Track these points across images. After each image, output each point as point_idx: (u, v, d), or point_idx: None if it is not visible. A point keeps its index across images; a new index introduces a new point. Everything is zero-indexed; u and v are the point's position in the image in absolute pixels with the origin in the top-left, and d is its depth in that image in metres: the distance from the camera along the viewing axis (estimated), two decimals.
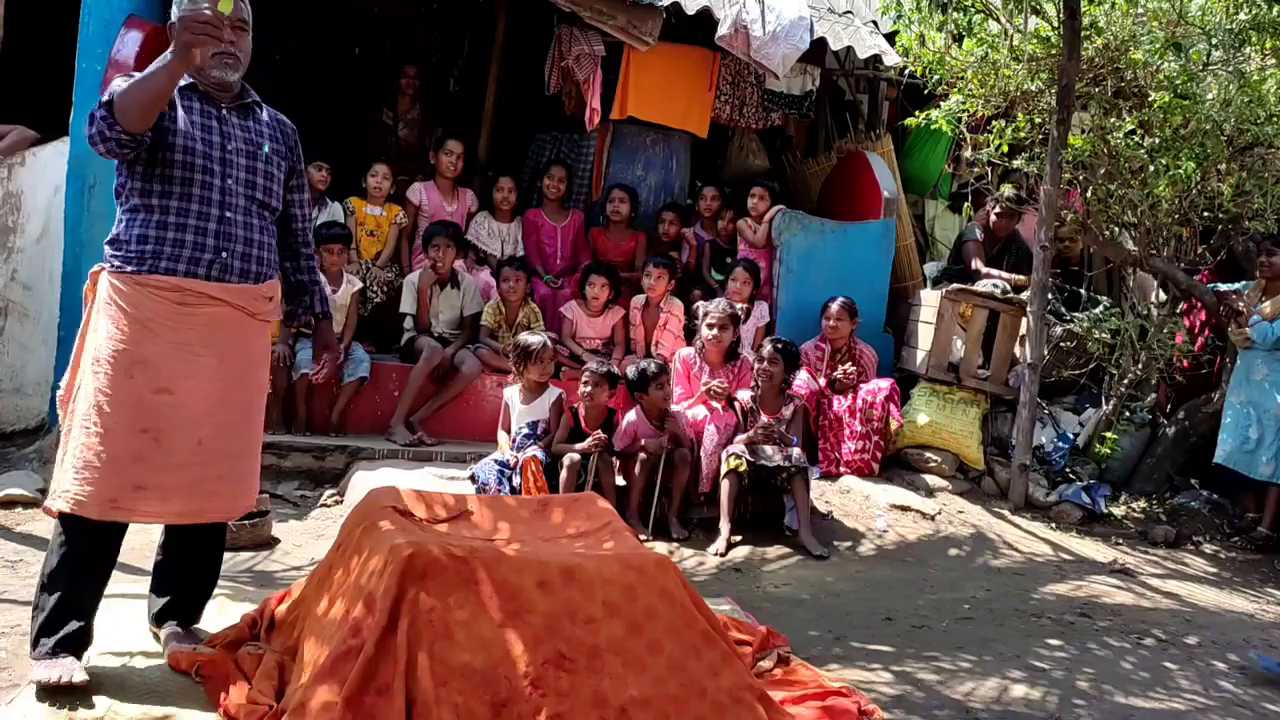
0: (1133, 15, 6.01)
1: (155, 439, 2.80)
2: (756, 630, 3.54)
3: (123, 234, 2.84)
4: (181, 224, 2.84)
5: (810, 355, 6.26)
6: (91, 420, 2.76)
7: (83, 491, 2.75)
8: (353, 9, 8.11)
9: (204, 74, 2.92)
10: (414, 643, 2.65)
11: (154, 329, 2.80)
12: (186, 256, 2.84)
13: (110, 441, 2.76)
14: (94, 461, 2.76)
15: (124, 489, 2.78)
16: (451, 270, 6.16)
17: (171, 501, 2.86)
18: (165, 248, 2.82)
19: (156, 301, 2.81)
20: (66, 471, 2.78)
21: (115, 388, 2.77)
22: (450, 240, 6.13)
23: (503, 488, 4.97)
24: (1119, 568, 5.26)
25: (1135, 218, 6.34)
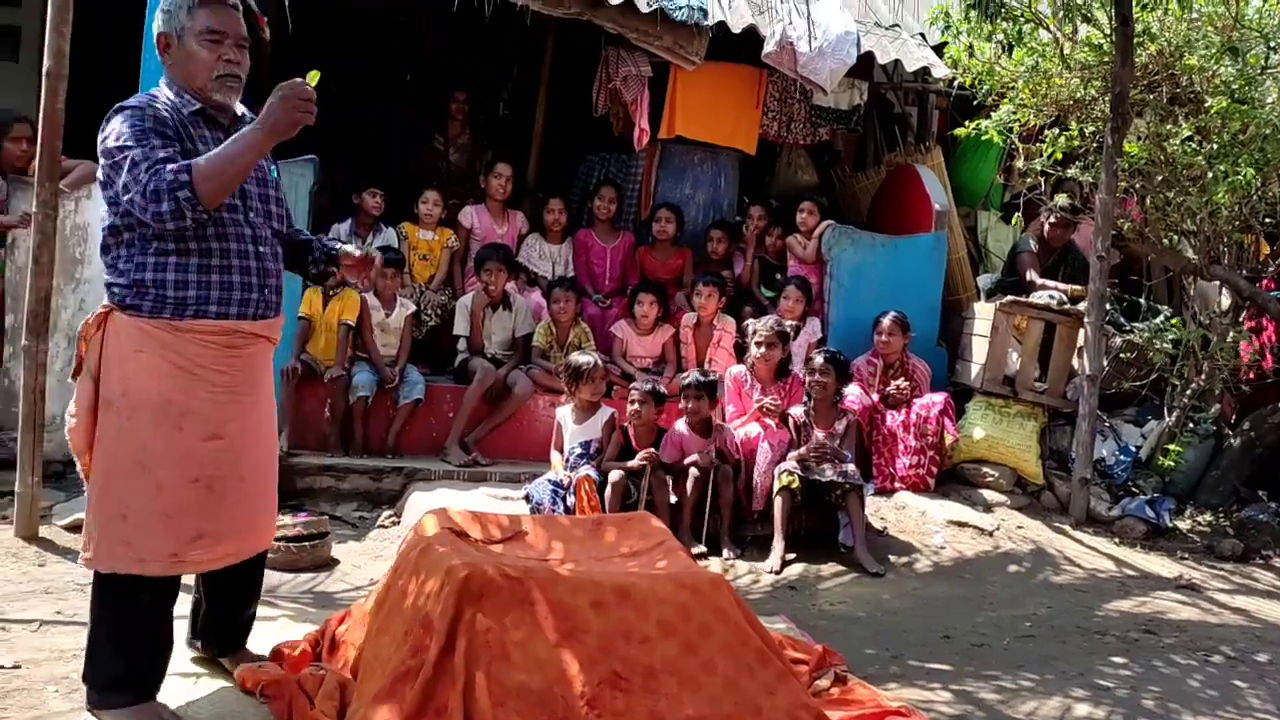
0: (1187, 20, 5.92)
1: (208, 486, 2.73)
2: (813, 649, 3.52)
3: (152, 278, 2.65)
4: (226, 265, 2.70)
5: (863, 370, 6.22)
6: (140, 475, 2.65)
7: (143, 550, 2.66)
8: (404, 38, 8.26)
9: (208, 97, 2.76)
10: (471, 663, 2.68)
11: (202, 375, 2.70)
12: (237, 299, 2.73)
13: (165, 496, 2.67)
14: (149, 518, 2.66)
15: (182, 541, 2.71)
16: (503, 292, 6.23)
17: (224, 543, 2.81)
18: (213, 291, 2.68)
19: (203, 347, 2.69)
20: (115, 527, 2.66)
21: (164, 440, 2.66)
22: (501, 263, 6.20)
23: (557, 507, 5.00)
24: (1185, 583, 5.14)
25: (1195, 225, 6.22)
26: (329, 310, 5.81)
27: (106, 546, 2.66)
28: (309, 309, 5.81)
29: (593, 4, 6.27)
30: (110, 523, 2.67)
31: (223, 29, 2.73)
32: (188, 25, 2.70)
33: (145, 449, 2.65)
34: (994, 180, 7.76)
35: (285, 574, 4.54)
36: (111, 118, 2.65)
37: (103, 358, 2.68)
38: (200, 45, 2.71)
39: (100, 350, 2.68)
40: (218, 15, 2.73)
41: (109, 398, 2.66)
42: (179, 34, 2.71)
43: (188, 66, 2.72)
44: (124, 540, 2.65)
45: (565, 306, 6.20)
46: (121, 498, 2.66)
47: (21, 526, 4.52)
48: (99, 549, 2.68)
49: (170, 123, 2.65)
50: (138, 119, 2.61)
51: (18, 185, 5.54)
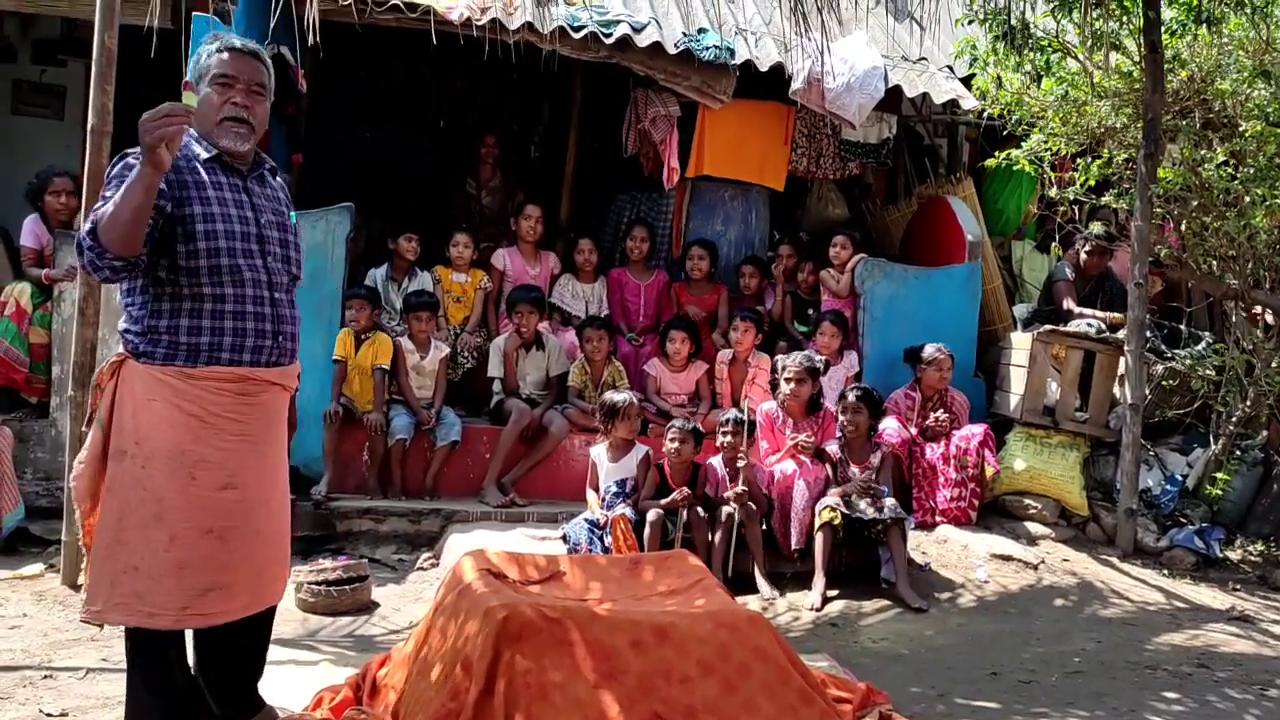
0: (1218, 45, 5.89)
1: (221, 537, 2.65)
2: (856, 687, 3.47)
3: (164, 324, 2.62)
4: (240, 311, 2.67)
5: (900, 403, 6.18)
6: (155, 526, 2.58)
7: (153, 602, 2.57)
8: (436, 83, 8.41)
9: (215, 141, 2.73)
10: (511, 705, 2.68)
11: (215, 424, 2.64)
12: (250, 346, 2.69)
13: (177, 548, 2.59)
14: (162, 570, 2.58)
15: (194, 594, 2.61)
16: (536, 333, 6.27)
17: (237, 597, 2.70)
18: (225, 338, 2.65)
19: (218, 395, 2.65)
20: (126, 579, 2.58)
21: (177, 491, 2.60)
22: (532, 304, 6.25)
23: (594, 547, 4.99)
24: (1237, 615, 5.02)
25: (1234, 250, 6.15)
26: (361, 354, 5.88)
27: (117, 599, 2.58)
28: (343, 351, 5.87)
29: (621, 47, 6.36)
30: (121, 575, 2.58)
31: (234, 74, 2.72)
32: (209, 71, 2.72)
33: (160, 499, 2.59)
34: (1027, 210, 7.72)
35: (326, 618, 4.56)
36: (114, 167, 2.67)
37: (115, 406, 2.63)
38: (212, 88, 2.71)
39: (112, 399, 2.64)
40: (232, 61, 2.72)
41: (122, 447, 2.61)
42: (198, 79, 2.73)
43: (203, 110, 2.72)
44: (135, 593, 2.57)
45: (598, 345, 6.23)
46: (134, 549, 2.58)
47: (69, 574, 4.58)
48: (108, 602, 2.59)
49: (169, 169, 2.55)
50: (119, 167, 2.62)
51: (64, 239, 5.67)
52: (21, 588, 4.61)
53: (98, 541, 2.64)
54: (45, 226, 5.92)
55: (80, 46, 7.03)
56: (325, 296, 5.96)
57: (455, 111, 8.58)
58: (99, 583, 2.61)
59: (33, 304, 5.72)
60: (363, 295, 6.00)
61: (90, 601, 2.63)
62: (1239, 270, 6.19)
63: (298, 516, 5.41)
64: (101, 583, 2.60)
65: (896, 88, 6.86)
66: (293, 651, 4.06)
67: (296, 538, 5.36)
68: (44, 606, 4.38)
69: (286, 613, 4.60)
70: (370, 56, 7.46)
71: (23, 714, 3.25)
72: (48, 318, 5.71)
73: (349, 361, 5.88)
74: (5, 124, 7.83)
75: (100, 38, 4.48)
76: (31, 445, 5.55)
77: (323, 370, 5.86)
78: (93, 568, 2.64)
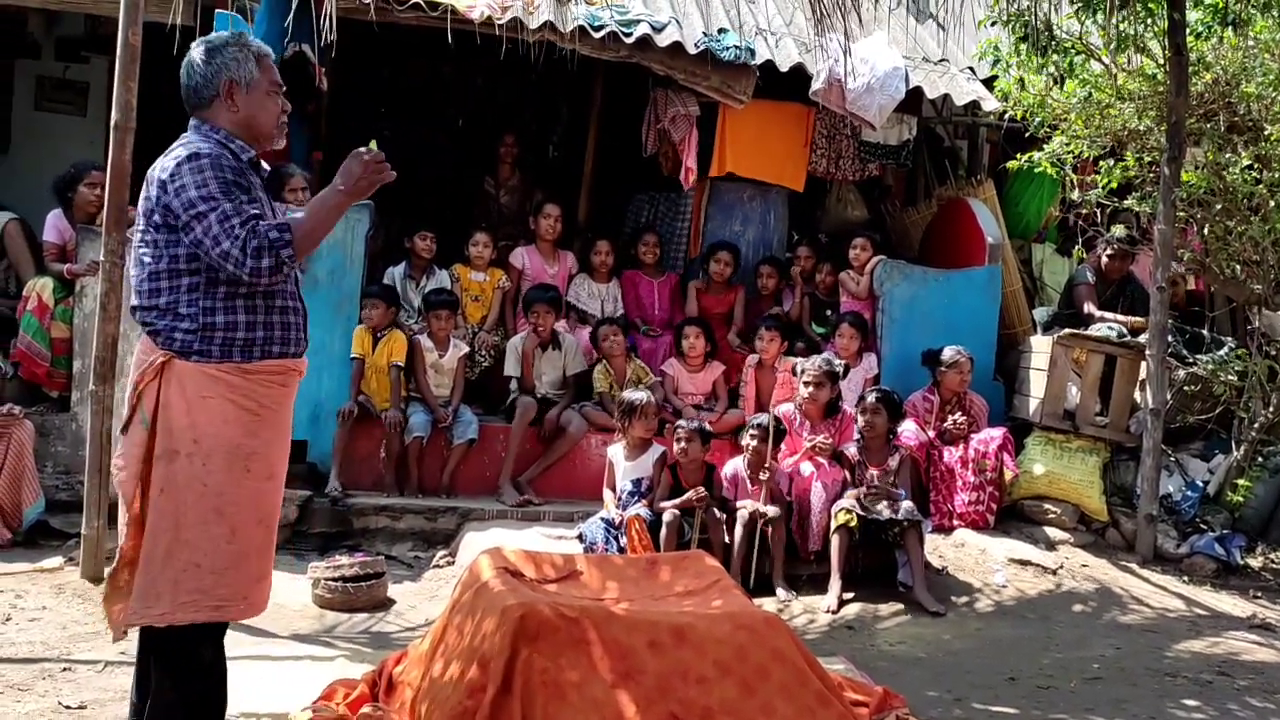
0: (1243, 48, 5.84)
1: (268, 527, 2.75)
2: (873, 690, 3.45)
3: (223, 320, 2.66)
4: (284, 305, 2.75)
5: (919, 406, 6.15)
6: (217, 521, 2.63)
7: (218, 595, 2.62)
8: (456, 82, 8.42)
9: (268, 144, 2.85)
10: (528, 704, 2.68)
11: (264, 417, 2.70)
12: (293, 338, 2.77)
13: (238, 540, 2.65)
14: (224, 563, 2.63)
15: (251, 583, 2.69)
16: (553, 332, 6.27)
17: (270, 583, 2.79)
18: (275, 331, 2.72)
19: (267, 388, 2.71)
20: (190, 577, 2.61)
21: (235, 485, 2.64)
22: (548, 304, 6.25)
23: (610, 546, 4.99)
24: (1259, 622, 4.97)
25: (1258, 255, 6.09)
26: (378, 351, 5.89)
27: (183, 598, 2.60)
28: (360, 348, 5.89)
29: (641, 46, 6.35)
30: (184, 573, 2.60)
31: (280, 82, 2.84)
32: (256, 76, 2.77)
33: (222, 495, 2.62)
34: (1048, 213, 7.67)
35: (342, 614, 4.57)
36: (186, 164, 2.63)
37: (161, 406, 2.63)
38: (269, 96, 2.80)
39: (157, 399, 2.64)
40: (275, 69, 2.86)
41: (175, 447, 2.61)
42: (247, 84, 2.76)
43: (256, 115, 2.78)
44: (200, 589, 2.60)
45: (615, 341, 6.23)
46: (196, 546, 2.61)
47: (88, 568, 4.60)
48: (174, 601, 2.60)
49: (242, 173, 2.70)
50: (218, 170, 2.64)
51: (86, 234, 5.71)
52: (41, 581, 4.64)
53: (153, 545, 2.62)
54: (68, 221, 5.96)
55: (104, 43, 7.08)
56: (344, 294, 5.97)
57: (475, 110, 8.59)
58: (158, 584, 2.60)
59: (55, 299, 5.75)
60: (378, 294, 6.01)
61: (150, 605, 2.60)
62: (1262, 275, 6.14)
63: (315, 513, 5.52)
64: (162, 584, 2.60)
65: (917, 89, 6.83)
66: (309, 647, 4.07)
67: (313, 533, 5.47)
68: (63, 600, 4.40)
69: (303, 608, 4.62)
70: (391, 55, 7.47)
71: (42, 706, 3.27)
72: (69, 312, 5.74)
73: (366, 359, 5.89)
74: (29, 120, 7.88)
75: (124, 34, 4.50)
76: (52, 439, 5.58)
77: (341, 367, 5.88)
78: (148, 570, 2.61)
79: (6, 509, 5.13)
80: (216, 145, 2.70)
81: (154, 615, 2.61)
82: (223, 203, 2.59)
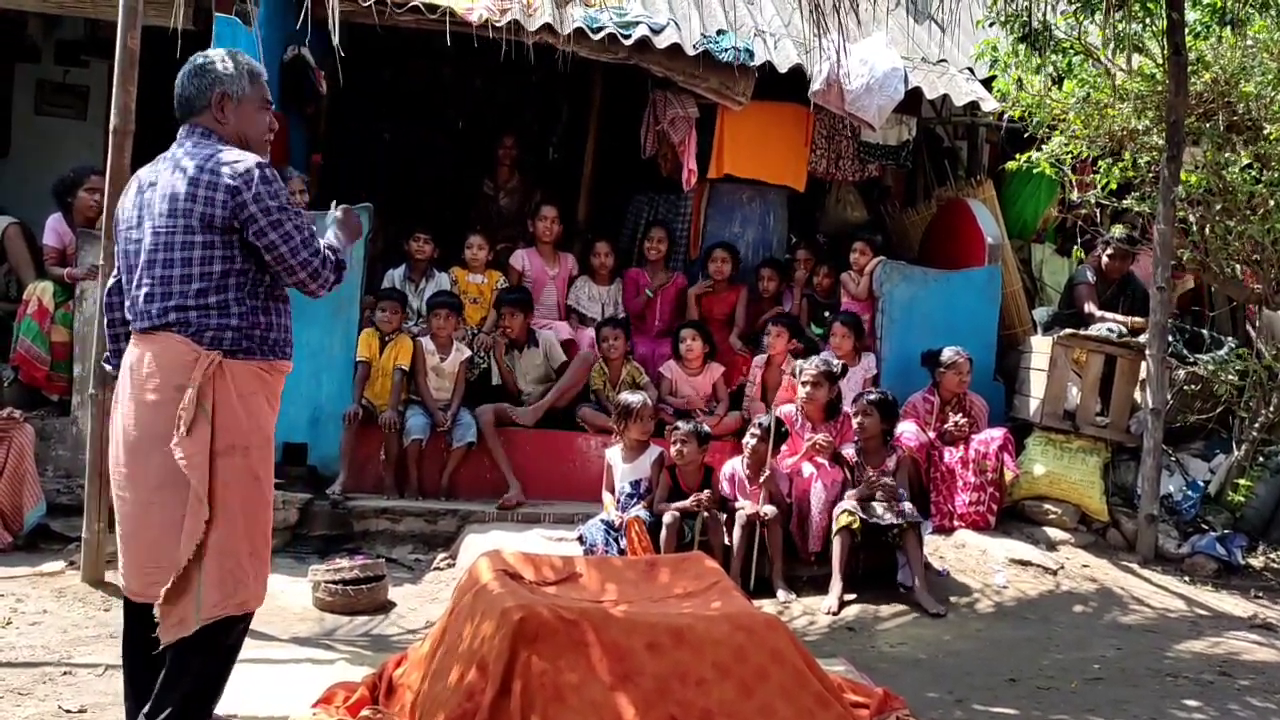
0: (1241, 48, 5.84)
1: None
2: (873, 692, 3.45)
3: (265, 320, 2.82)
4: (290, 310, 2.95)
5: (919, 407, 6.15)
6: (266, 510, 2.83)
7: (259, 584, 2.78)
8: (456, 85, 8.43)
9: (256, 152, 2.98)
10: (527, 707, 2.68)
11: (275, 410, 2.92)
12: (291, 340, 2.96)
13: (268, 527, 2.86)
14: (265, 550, 2.82)
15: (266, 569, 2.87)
16: (529, 331, 6.28)
17: None
18: (289, 334, 2.92)
19: (279, 384, 2.93)
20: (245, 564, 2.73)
21: (269, 475, 2.85)
22: (515, 305, 6.28)
23: (610, 549, 4.99)
24: (1260, 623, 4.97)
25: (1258, 254, 6.09)
26: (385, 355, 5.90)
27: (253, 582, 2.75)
28: (368, 352, 5.89)
29: (640, 48, 6.36)
30: (250, 558, 2.75)
31: (270, 100, 3.00)
32: (249, 92, 2.89)
33: (267, 484, 2.84)
34: (1048, 213, 7.67)
35: (342, 617, 4.57)
36: (268, 175, 2.76)
37: (219, 404, 2.72)
38: (261, 111, 2.94)
39: (213, 398, 2.71)
40: (266, 89, 2.99)
41: (234, 442, 2.72)
42: (239, 97, 2.87)
43: (246, 129, 2.90)
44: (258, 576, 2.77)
45: (615, 344, 6.23)
46: (253, 536, 2.77)
47: (88, 571, 4.60)
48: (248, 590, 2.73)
49: None
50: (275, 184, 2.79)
51: (86, 238, 5.71)
52: (42, 584, 4.64)
53: (224, 536, 2.68)
54: (68, 225, 5.96)
55: (103, 47, 7.09)
56: (344, 296, 5.96)
57: (474, 112, 8.60)
58: (235, 575, 2.70)
59: (55, 302, 5.76)
60: (395, 297, 6.04)
61: (228, 596, 2.68)
62: (1263, 274, 6.13)
63: (315, 515, 5.52)
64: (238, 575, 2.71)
65: (916, 89, 6.84)
66: (309, 650, 4.07)
67: (313, 536, 5.47)
68: (64, 603, 4.40)
69: (303, 611, 4.62)
70: (391, 57, 7.48)
71: (42, 710, 3.27)
72: (69, 316, 5.75)
73: (373, 363, 5.89)
74: (29, 124, 7.89)
75: (123, 38, 4.50)
76: (53, 443, 5.58)
77: (340, 369, 5.89)
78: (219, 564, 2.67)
79: (7, 513, 5.13)
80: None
81: (235, 604, 2.71)
82: (297, 218, 2.79)
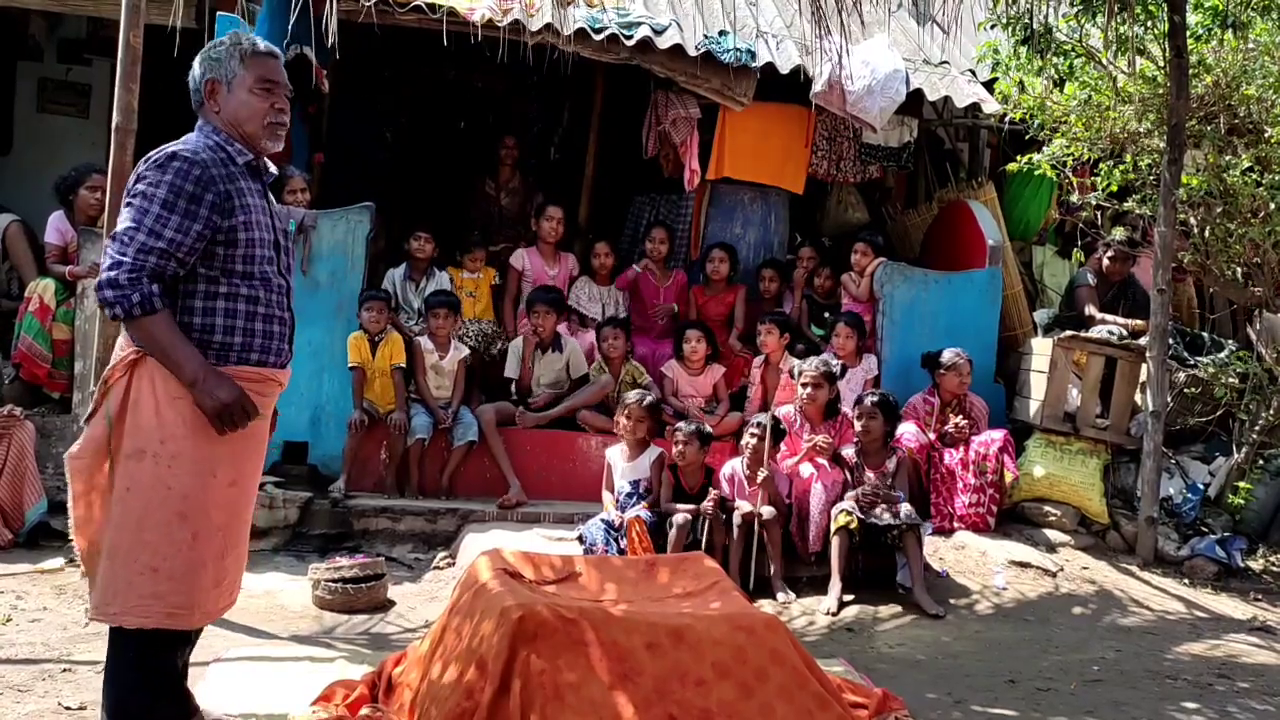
0: (1243, 50, 5.84)
1: (225, 534, 2.69)
2: (872, 693, 3.45)
3: (198, 323, 2.64)
4: (268, 314, 2.73)
5: (919, 408, 6.15)
6: (180, 525, 2.58)
7: (173, 602, 2.58)
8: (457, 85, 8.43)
9: (259, 145, 2.78)
10: (526, 706, 2.68)
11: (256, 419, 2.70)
12: (274, 348, 2.75)
13: (199, 546, 2.61)
14: (183, 569, 2.58)
15: (206, 590, 2.65)
16: (555, 334, 6.27)
17: (228, 593, 2.77)
18: (256, 339, 2.70)
19: (263, 391, 2.73)
20: (145, 581, 2.55)
21: (202, 488, 2.60)
22: (550, 305, 6.25)
23: (610, 548, 4.99)
24: (1259, 625, 4.97)
25: (1258, 257, 6.09)
26: (379, 356, 5.89)
27: (135, 601, 2.55)
28: (358, 356, 5.87)
29: (641, 49, 6.36)
30: (140, 576, 2.56)
31: (275, 79, 2.76)
32: (240, 74, 2.71)
33: (186, 498, 2.58)
34: (1049, 215, 7.67)
35: (342, 615, 4.58)
36: (157, 160, 2.59)
37: (130, 405, 2.59)
38: (254, 94, 2.72)
39: (125, 397, 2.60)
40: (269, 65, 2.76)
41: (141, 446, 2.57)
42: (229, 82, 2.72)
43: (239, 114, 2.72)
44: (154, 594, 2.56)
45: (615, 344, 6.24)
46: (155, 550, 2.57)
47: None
48: (125, 604, 2.55)
49: (217, 182, 2.62)
50: (181, 180, 2.57)
51: (88, 236, 5.72)
52: (42, 581, 4.65)
53: (116, 542, 2.58)
54: (70, 223, 5.97)
55: (106, 45, 7.10)
56: (345, 296, 5.98)
57: (476, 112, 8.60)
58: (116, 583, 2.57)
59: (56, 300, 5.77)
60: (381, 297, 6.02)
61: (108, 602, 2.57)
62: (1264, 277, 6.13)
63: (315, 514, 5.52)
64: (120, 583, 2.56)
65: (918, 91, 6.84)
66: (309, 649, 4.07)
67: (313, 535, 5.48)
68: (64, 600, 4.41)
69: (303, 609, 4.63)
70: (393, 56, 7.49)
71: (42, 707, 3.27)
72: (71, 314, 5.76)
73: (366, 366, 5.88)
74: (31, 122, 7.90)
75: (125, 37, 4.52)
76: (54, 440, 5.58)
77: (341, 369, 5.88)
78: (107, 567, 2.59)
79: (8, 510, 5.14)
80: (211, 148, 2.67)
81: (108, 614, 2.59)
82: (150, 214, 2.54)
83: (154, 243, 2.53)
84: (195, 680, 2.96)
